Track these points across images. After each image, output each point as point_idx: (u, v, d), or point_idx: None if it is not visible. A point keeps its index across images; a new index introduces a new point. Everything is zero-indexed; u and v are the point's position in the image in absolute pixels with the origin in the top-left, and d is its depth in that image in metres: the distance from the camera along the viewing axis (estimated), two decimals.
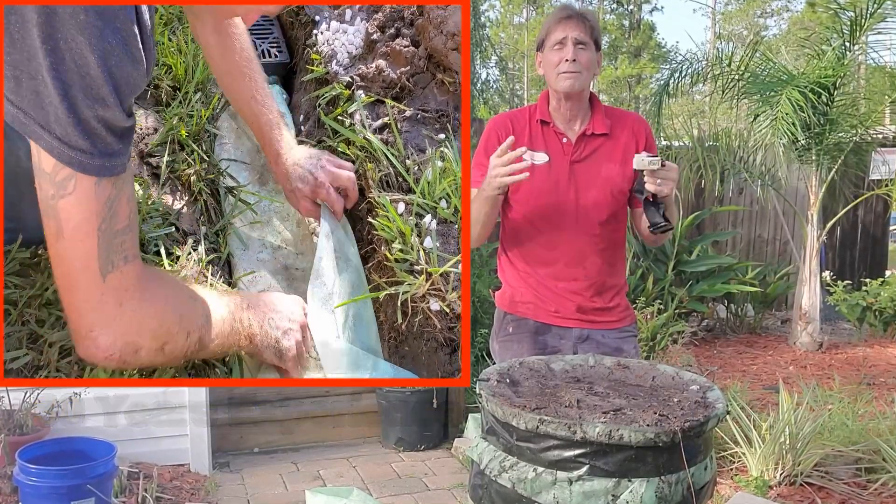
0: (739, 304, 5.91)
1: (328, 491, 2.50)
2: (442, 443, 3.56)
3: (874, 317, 5.66)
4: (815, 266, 5.40)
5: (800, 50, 5.85)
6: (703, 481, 1.37)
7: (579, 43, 1.89)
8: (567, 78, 1.89)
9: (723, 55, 5.46)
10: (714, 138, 5.70)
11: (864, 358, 5.03)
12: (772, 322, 6.30)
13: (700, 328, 5.75)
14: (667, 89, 5.58)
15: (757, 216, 6.84)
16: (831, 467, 2.90)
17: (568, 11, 1.92)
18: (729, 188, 6.39)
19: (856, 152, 5.49)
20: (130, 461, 2.91)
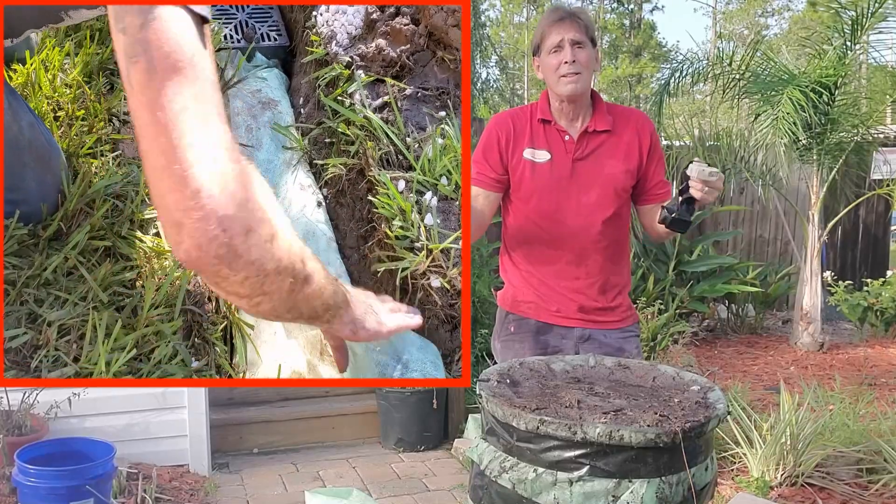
0: (740, 304, 5.90)
1: (328, 492, 2.50)
2: (442, 443, 3.55)
3: (875, 317, 5.64)
4: (817, 266, 5.39)
5: (801, 49, 5.84)
6: (703, 482, 1.37)
7: (576, 43, 1.87)
8: (569, 82, 1.88)
9: (724, 54, 5.45)
10: (715, 138, 5.69)
11: (866, 358, 5.02)
12: (773, 322, 6.29)
13: (701, 328, 5.74)
14: (667, 89, 5.57)
15: (758, 216, 6.83)
16: (832, 468, 2.89)
17: (560, 13, 1.91)
18: (730, 188, 6.38)
19: (857, 152, 5.48)
20: (129, 462, 2.90)
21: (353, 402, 3.66)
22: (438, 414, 3.52)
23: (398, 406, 3.45)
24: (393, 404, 3.46)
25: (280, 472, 3.19)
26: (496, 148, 1.95)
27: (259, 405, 3.56)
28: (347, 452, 3.44)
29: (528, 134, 1.96)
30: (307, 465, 3.28)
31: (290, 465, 3.29)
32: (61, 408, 2.79)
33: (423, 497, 2.97)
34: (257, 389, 3.56)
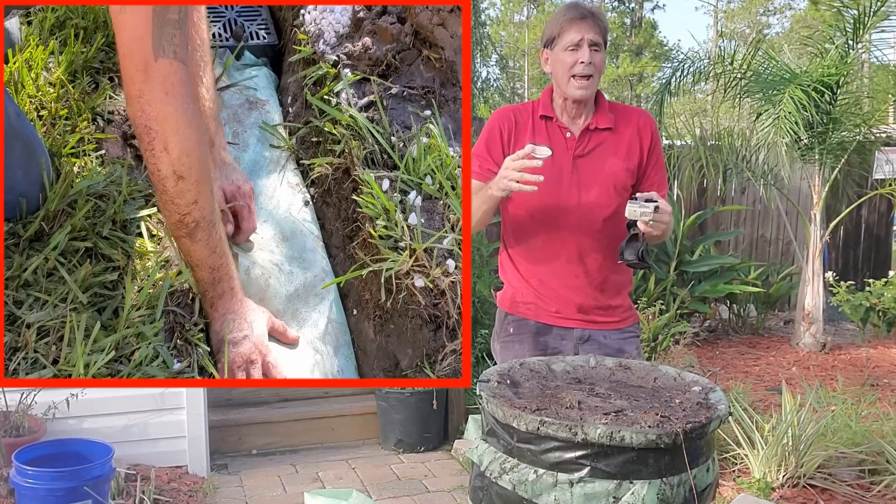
0: (742, 304, 5.89)
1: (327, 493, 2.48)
2: (442, 444, 3.54)
3: (878, 317, 5.63)
4: (819, 266, 5.37)
5: (802, 48, 5.84)
6: (705, 483, 1.36)
7: (594, 45, 1.86)
8: (580, 87, 1.87)
9: (725, 53, 5.44)
10: (716, 137, 5.68)
11: (868, 359, 5.01)
12: (774, 323, 6.28)
13: (702, 329, 5.73)
14: (668, 88, 5.56)
15: (760, 216, 6.82)
16: (834, 469, 2.88)
17: (582, 11, 1.88)
18: (731, 187, 6.37)
19: (859, 151, 5.46)
20: (128, 463, 2.89)
21: (353, 403, 3.65)
22: (438, 415, 3.51)
23: (398, 407, 3.43)
24: (392, 405, 3.44)
25: (279, 474, 3.18)
26: (499, 140, 1.94)
27: (258, 406, 3.55)
28: (347, 453, 3.43)
29: (530, 130, 1.95)
30: (306, 466, 3.27)
31: (289, 466, 3.28)
32: (59, 409, 2.78)
33: (423, 498, 2.96)
34: (256, 390, 3.55)
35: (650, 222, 1.74)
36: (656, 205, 1.73)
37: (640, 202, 1.74)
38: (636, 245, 1.83)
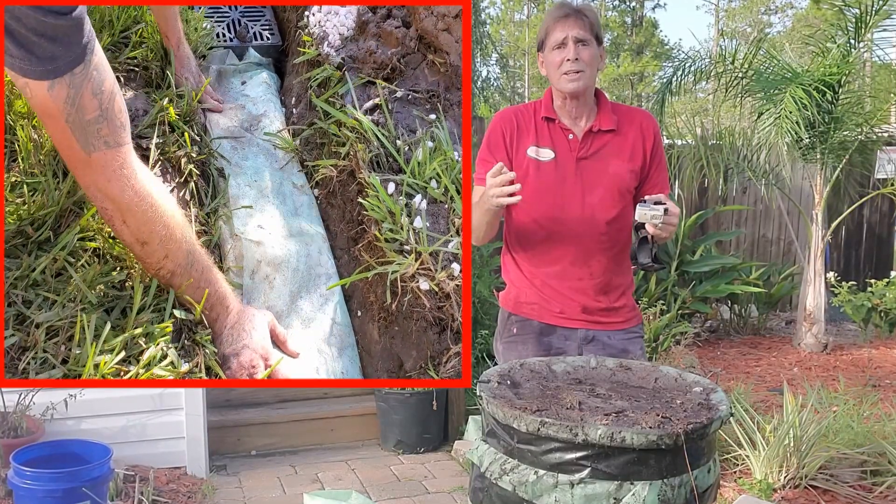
0: (743, 304, 5.88)
1: (327, 494, 2.48)
2: (442, 445, 3.53)
3: (879, 318, 5.62)
4: (820, 266, 5.36)
5: (804, 47, 5.83)
6: (706, 484, 1.35)
7: (580, 41, 1.85)
8: (571, 80, 1.86)
9: (726, 52, 5.43)
10: (717, 137, 5.67)
11: (870, 359, 5.00)
12: (776, 323, 6.27)
13: (703, 329, 5.72)
14: (669, 87, 5.55)
15: (761, 216, 6.81)
16: (836, 470, 2.87)
17: (565, 10, 1.88)
18: (733, 187, 6.36)
19: (861, 151, 5.45)
20: (126, 464, 2.88)
21: (352, 404, 3.64)
22: (438, 415, 3.50)
23: (397, 408, 3.42)
24: (392, 406, 3.43)
25: (278, 475, 3.17)
26: (502, 144, 1.93)
27: (257, 407, 3.54)
28: (346, 454, 3.42)
29: (533, 132, 1.94)
30: (306, 467, 3.26)
31: (288, 467, 3.27)
32: (57, 409, 2.77)
33: (423, 499, 2.95)
34: (255, 391, 3.54)
35: (659, 225, 1.74)
36: (666, 207, 1.73)
37: (649, 205, 1.74)
38: (648, 248, 1.82)
